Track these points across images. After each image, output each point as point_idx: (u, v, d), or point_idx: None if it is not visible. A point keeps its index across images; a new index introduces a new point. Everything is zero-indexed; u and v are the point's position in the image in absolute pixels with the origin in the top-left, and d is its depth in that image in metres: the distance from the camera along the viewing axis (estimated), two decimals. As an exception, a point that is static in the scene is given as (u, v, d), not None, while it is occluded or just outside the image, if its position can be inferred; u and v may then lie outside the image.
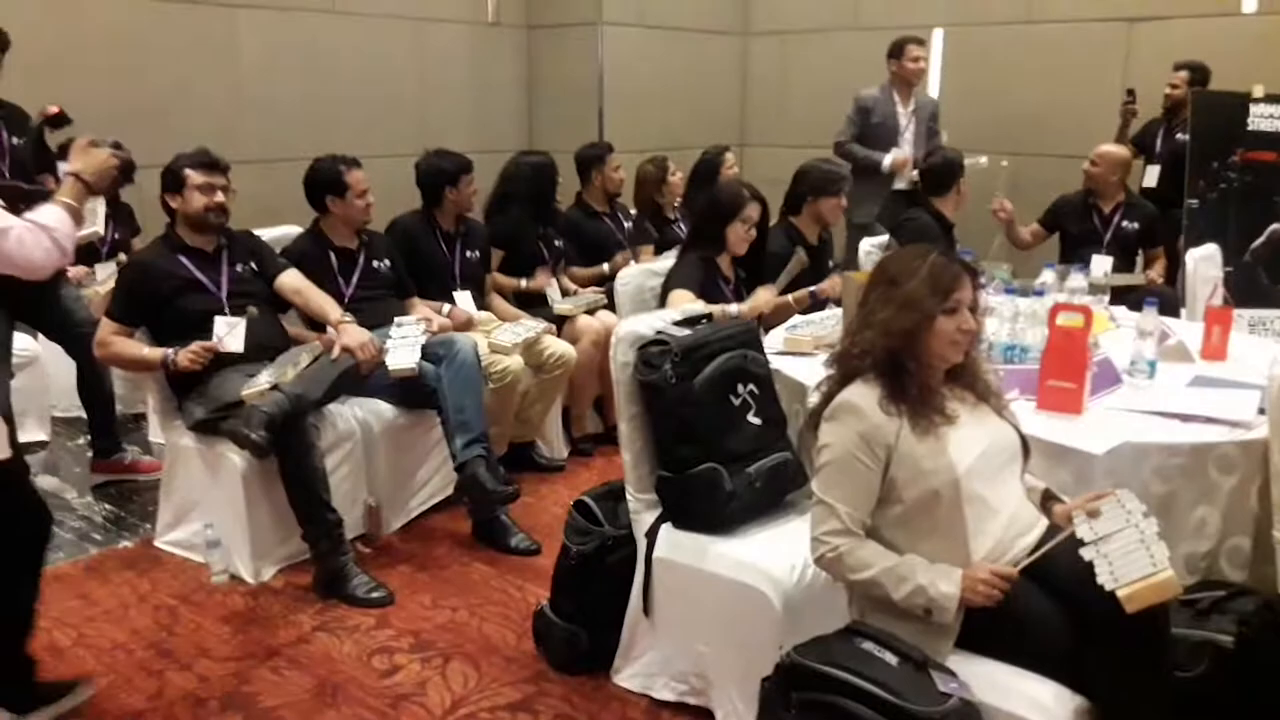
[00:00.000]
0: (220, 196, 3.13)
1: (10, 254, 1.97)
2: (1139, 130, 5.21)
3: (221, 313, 3.12)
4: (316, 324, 3.34)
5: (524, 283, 4.19)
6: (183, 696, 2.50)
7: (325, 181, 3.47)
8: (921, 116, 5.21)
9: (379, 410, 3.33)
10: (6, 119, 3.44)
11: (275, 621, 2.85)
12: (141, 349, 3.07)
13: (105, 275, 4.09)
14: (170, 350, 3.01)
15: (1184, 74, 4.99)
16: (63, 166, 2.29)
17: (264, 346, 3.14)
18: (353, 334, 3.13)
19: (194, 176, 3.09)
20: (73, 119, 2.39)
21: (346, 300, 3.41)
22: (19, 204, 2.15)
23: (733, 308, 3.35)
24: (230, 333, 3.07)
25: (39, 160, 2.38)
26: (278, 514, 3.04)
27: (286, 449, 2.89)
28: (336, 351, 3.10)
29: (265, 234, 3.47)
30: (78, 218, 2.12)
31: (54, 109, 2.38)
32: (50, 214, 2.06)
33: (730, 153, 4.95)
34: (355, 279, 3.50)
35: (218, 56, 4.76)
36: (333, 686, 2.55)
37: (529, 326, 3.80)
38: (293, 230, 3.63)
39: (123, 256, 4.15)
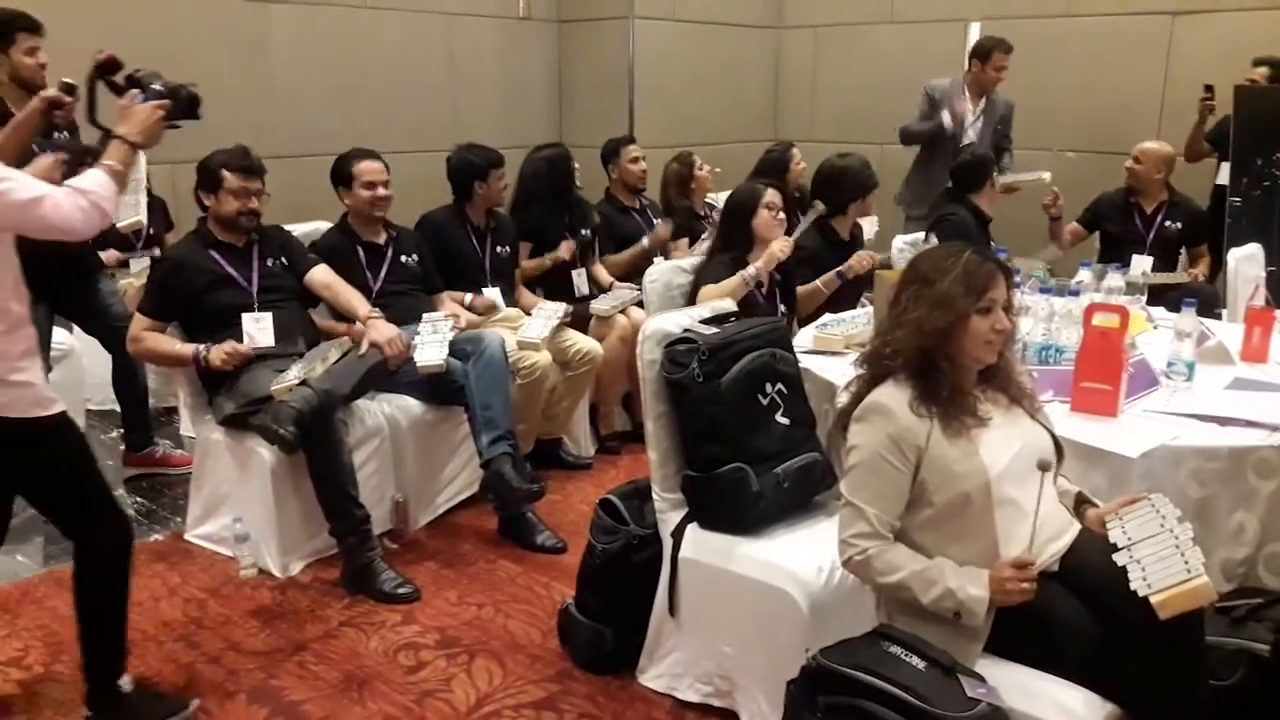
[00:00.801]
0: (254, 203, 3.15)
1: (47, 218, 2.01)
2: (1213, 127, 5.06)
3: (252, 308, 3.14)
4: (346, 317, 3.35)
5: (548, 259, 4.17)
6: (211, 689, 2.52)
7: (337, 173, 3.50)
8: (990, 118, 5.09)
9: (407, 406, 3.34)
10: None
11: (303, 616, 2.86)
12: (174, 344, 3.10)
13: (139, 269, 4.13)
14: (202, 347, 3.04)
15: (1264, 70, 4.80)
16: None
17: (293, 341, 3.16)
18: (381, 330, 3.14)
19: (231, 180, 3.10)
20: (124, 62, 2.33)
21: (374, 295, 3.41)
22: (85, 161, 2.16)
23: (750, 270, 3.29)
24: (258, 328, 3.09)
25: (94, 112, 2.38)
26: (306, 509, 3.06)
27: (315, 444, 2.91)
28: (365, 347, 3.11)
29: (295, 229, 3.49)
30: (121, 180, 2.13)
31: (106, 53, 2.31)
32: (90, 178, 2.09)
33: (797, 149, 4.89)
34: (383, 274, 3.51)
35: (249, 50, 4.80)
36: (359, 681, 2.56)
37: (550, 312, 3.78)
38: (323, 225, 3.65)
39: (156, 251, 4.18)
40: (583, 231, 4.31)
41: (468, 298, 3.80)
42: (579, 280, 4.25)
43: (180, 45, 4.55)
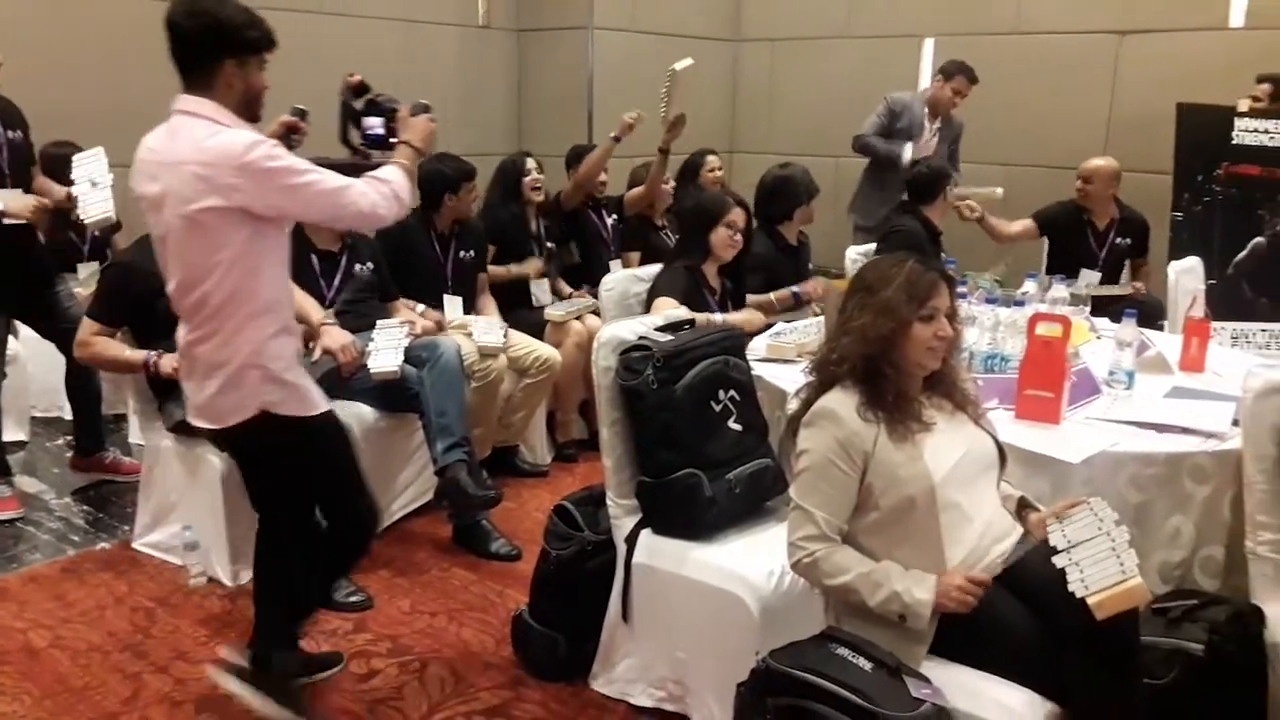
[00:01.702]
0: None
1: (356, 205, 2.09)
2: None
3: (204, 313, 3.10)
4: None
5: (513, 268, 4.21)
6: (159, 699, 2.49)
7: None
8: (946, 136, 5.18)
9: (360, 413, 3.31)
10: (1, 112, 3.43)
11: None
12: (123, 350, 3.05)
13: (87, 274, 4.08)
14: (153, 354, 3.00)
15: (1267, 86, 4.83)
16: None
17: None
18: (334, 336, 3.13)
19: None
20: (370, 86, 2.43)
21: (328, 303, 3.38)
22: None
23: (718, 317, 3.36)
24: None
25: (347, 133, 2.46)
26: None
27: (266, 451, 2.88)
28: (318, 353, 3.09)
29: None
30: (412, 178, 2.26)
31: (356, 77, 2.42)
32: (386, 171, 2.21)
33: (714, 155, 4.95)
34: (337, 282, 3.48)
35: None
36: (310, 690, 2.53)
37: (497, 320, 3.83)
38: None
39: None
40: (549, 244, 4.32)
41: (419, 308, 3.80)
42: (536, 289, 4.27)
43: (136, 51, 4.50)
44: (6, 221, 3.24)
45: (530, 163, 4.30)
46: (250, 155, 1.97)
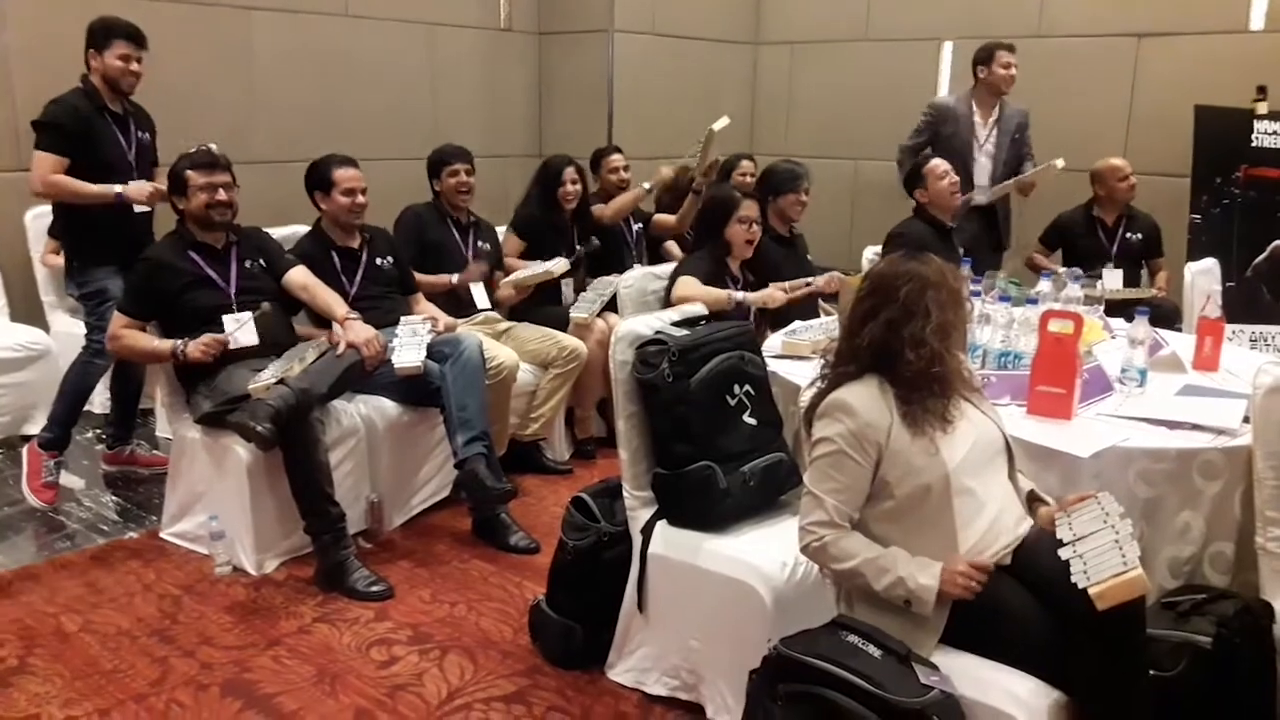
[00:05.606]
0: (222, 194, 3.18)
1: None
2: None
3: (230, 308, 3.18)
4: (325, 322, 3.40)
5: (538, 263, 4.27)
6: (185, 681, 2.55)
7: (314, 178, 3.53)
8: (1005, 129, 4.86)
9: (383, 407, 3.38)
10: (135, 115, 3.65)
11: (277, 612, 2.90)
12: (152, 340, 3.13)
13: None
14: (180, 341, 3.07)
15: None
16: None
17: (272, 342, 3.21)
18: (358, 330, 3.19)
19: (195, 178, 3.16)
20: None
21: (350, 299, 3.45)
22: None
23: (738, 294, 3.42)
24: (240, 328, 3.13)
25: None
26: (282, 507, 3.09)
27: (291, 442, 2.95)
28: (342, 347, 3.16)
29: (274, 233, 3.53)
30: None
31: None
32: None
33: (749, 161, 5.00)
34: (359, 277, 3.55)
35: (232, 58, 4.84)
36: (331, 675, 2.59)
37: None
38: (301, 229, 3.69)
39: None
40: (578, 246, 4.36)
41: (454, 278, 3.92)
42: (566, 289, 4.32)
43: (162, 50, 4.59)
44: (136, 210, 3.46)
45: (568, 172, 4.31)
46: None
